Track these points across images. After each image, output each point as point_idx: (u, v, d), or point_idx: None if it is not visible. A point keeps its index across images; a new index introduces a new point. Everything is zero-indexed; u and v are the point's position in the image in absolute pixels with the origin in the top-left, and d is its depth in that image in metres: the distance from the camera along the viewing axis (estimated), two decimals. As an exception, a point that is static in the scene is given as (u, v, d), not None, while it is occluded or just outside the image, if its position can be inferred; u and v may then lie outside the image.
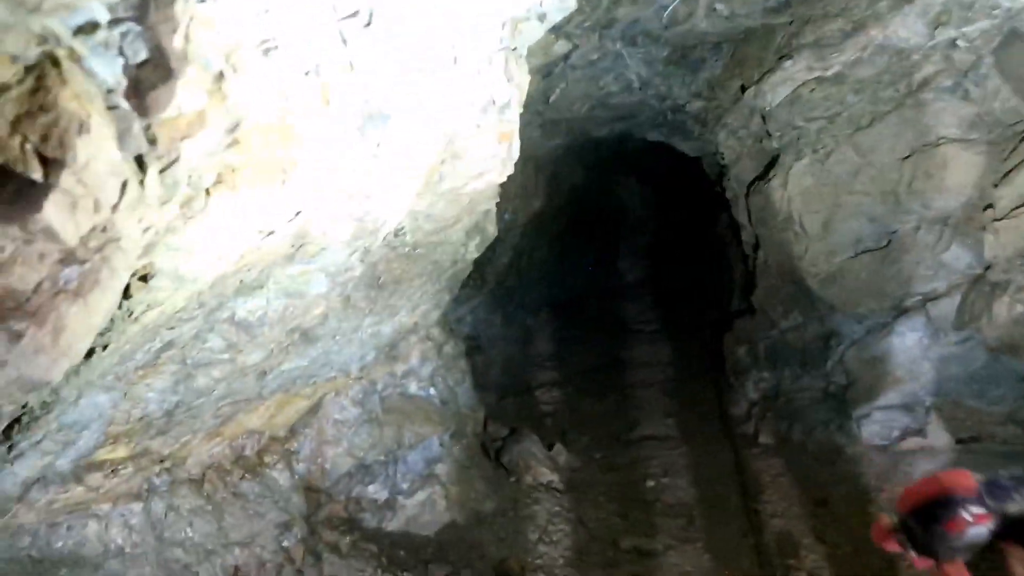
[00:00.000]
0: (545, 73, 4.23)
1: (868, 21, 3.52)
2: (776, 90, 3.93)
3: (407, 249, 2.47)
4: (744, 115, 4.36)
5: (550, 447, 4.53)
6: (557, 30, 3.73)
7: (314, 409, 2.93)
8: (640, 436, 4.97)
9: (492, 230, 3.18)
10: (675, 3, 3.83)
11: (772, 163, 4.27)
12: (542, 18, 1.97)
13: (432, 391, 3.81)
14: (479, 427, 4.45)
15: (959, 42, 3.32)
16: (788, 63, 3.85)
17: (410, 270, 2.66)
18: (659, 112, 5.05)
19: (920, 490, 1.25)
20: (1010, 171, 3.15)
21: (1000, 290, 3.24)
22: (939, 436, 3.71)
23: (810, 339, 4.30)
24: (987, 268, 3.34)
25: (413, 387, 3.64)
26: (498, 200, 2.81)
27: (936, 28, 3.32)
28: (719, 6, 3.80)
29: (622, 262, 9.17)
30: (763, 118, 4.12)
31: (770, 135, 4.14)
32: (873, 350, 3.88)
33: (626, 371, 6.23)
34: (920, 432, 3.79)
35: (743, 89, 4.22)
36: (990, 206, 3.24)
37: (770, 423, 4.55)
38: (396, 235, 2.28)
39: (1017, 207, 3.04)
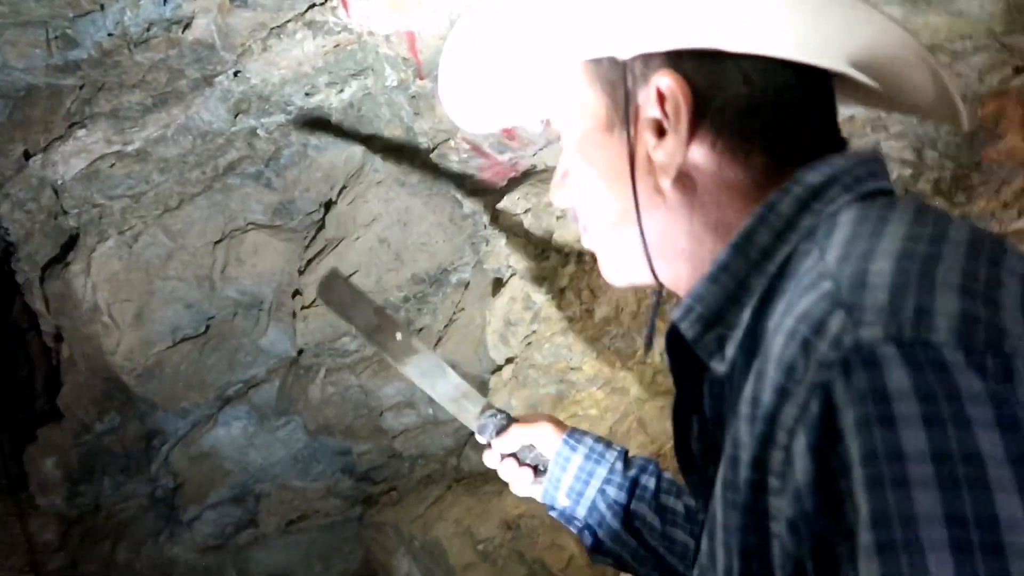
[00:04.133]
0: None
1: (170, 98, 3.32)
2: (69, 161, 3.40)
3: None
4: (32, 186, 3.66)
5: None
6: None
7: None
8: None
9: None
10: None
11: (72, 244, 3.68)
12: None
13: None
14: None
15: (260, 131, 3.38)
16: (82, 132, 3.37)
17: None
18: (-88, 173, 3.90)
19: None
20: (312, 259, 3.32)
21: (313, 373, 3.37)
22: (270, 522, 3.66)
23: (131, 441, 3.81)
24: (300, 353, 3.45)
25: None
26: None
27: (237, 115, 3.31)
28: (-13, 53, 3.10)
29: None
30: (56, 192, 3.52)
31: (66, 212, 3.55)
32: (200, 445, 3.63)
33: None
34: (253, 522, 3.69)
35: (28, 156, 3.54)
36: (299, 292, 3.35)
37: (90, 546, 3.89)
38: None
39: (320, 294, 3.20)
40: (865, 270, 0.45)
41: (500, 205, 2.60)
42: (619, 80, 0.60)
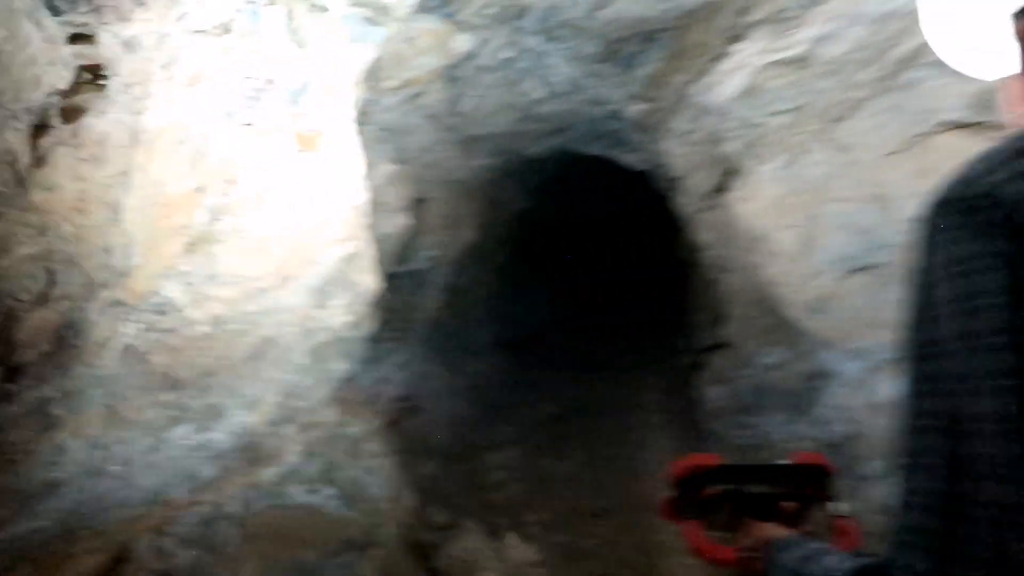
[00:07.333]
0: (448, 77, 3.47)
1: (835, -17, 2.80)
2: (727, 81, 3.21)
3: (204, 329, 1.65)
4: (692, 116, 3.63)
5: (502, 536, 3.68)
6: (450, 16, 2.97)
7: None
8: (613, 505, 4.16)
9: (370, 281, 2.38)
10: (597, -17, 3.11)
11: (731, 171, 3.53)
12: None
13: (328, 492, 2.96)
14: (409, 518, 3.59)
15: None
16: (739, 46, 3.13)
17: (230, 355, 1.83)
18: (595, 120, 4.31)
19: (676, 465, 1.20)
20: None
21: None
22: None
23: (798, 379, 3.53)
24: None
25: (296, 493, 2.79)
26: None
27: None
28: (650, -18, 3.09)
29: (579, 292, 8.38)
30: (715, 117, 3.39)
31: (724, 137, 3.40)
32: (876, 392, 3.12)
33: (590, 420, 5.40)
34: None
35: (688, 85, 3.49)
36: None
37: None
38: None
39: None
40: None
41: None
42: None
